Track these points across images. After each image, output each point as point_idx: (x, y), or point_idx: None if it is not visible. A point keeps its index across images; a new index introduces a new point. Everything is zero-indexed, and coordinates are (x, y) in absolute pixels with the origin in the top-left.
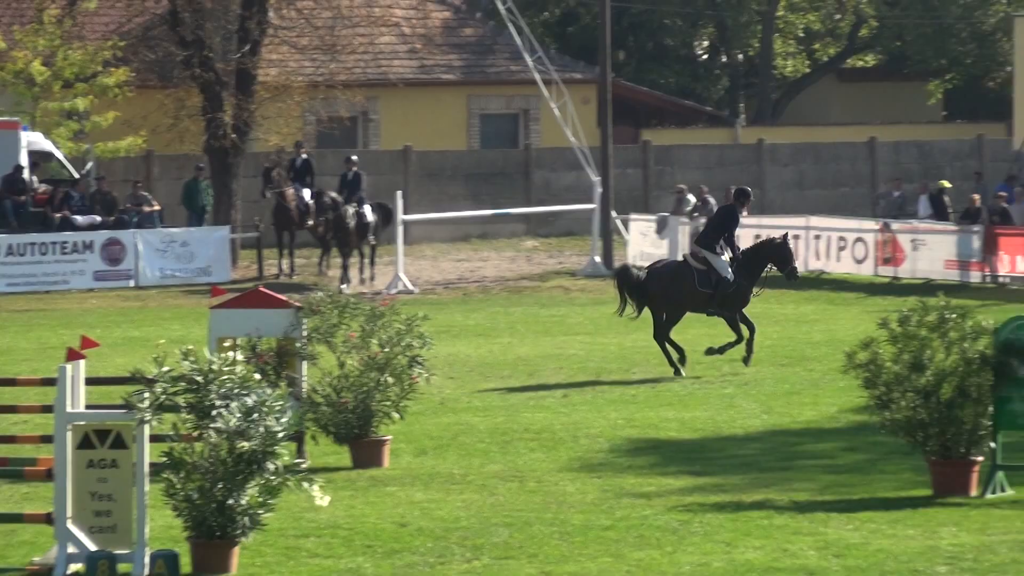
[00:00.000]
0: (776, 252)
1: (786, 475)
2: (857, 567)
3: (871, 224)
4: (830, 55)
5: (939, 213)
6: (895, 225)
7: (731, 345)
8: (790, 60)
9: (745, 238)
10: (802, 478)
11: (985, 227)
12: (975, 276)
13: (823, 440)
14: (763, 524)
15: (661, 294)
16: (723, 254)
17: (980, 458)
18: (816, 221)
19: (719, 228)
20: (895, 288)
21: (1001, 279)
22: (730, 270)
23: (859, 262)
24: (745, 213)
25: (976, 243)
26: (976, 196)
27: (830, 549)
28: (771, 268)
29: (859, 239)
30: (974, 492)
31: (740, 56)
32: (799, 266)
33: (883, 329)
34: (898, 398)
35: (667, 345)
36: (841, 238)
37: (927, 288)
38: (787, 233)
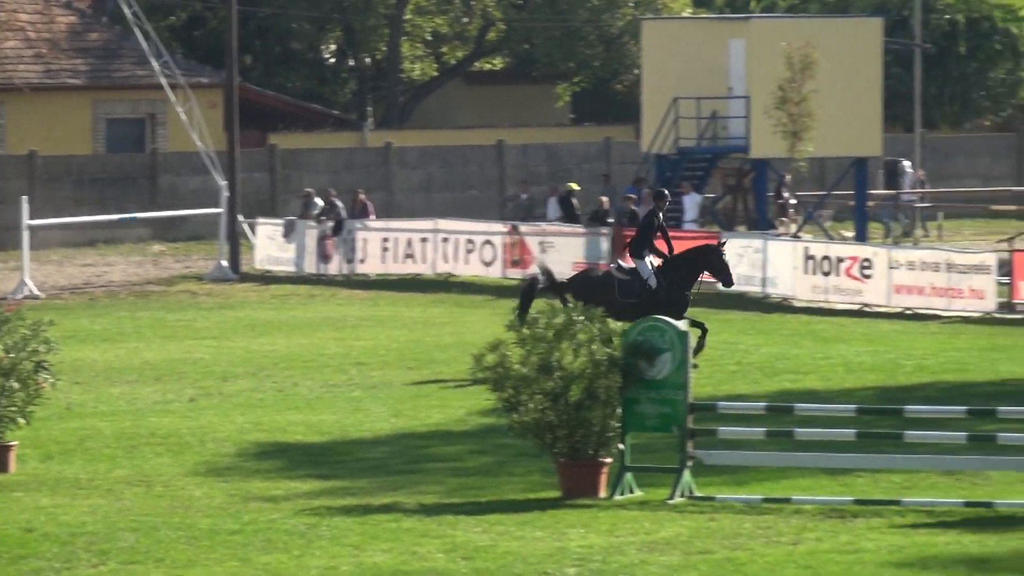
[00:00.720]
0: (710, 260)
1: (414, 478)
2: (486, 569)
3: (499, 227)
4: (458, 58)
5: (568, 215)
6: (523, 227)
7: (701, 340)
8: (418, 63)
9: (373, 242)
10: (430, 481)
11: (613, 229)
12: None
13: (451, 443)
14: (391, 527)
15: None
16: (648, 260)
17: (609, 460)
18: (444, 224)
19: (643, 236)
20: None
21: None
22: (653, 276)
23: (487, 264)
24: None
25: (605, 245)
26: (604, 198)
27: (459, 551)
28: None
29: (487, 241)
30: (603, 494)
31: (368, 60)
32: (429, 269)
33: (511, 332)
34: (526, 400)
35: None
36: (469, 241)
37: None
38: (723, 241)
